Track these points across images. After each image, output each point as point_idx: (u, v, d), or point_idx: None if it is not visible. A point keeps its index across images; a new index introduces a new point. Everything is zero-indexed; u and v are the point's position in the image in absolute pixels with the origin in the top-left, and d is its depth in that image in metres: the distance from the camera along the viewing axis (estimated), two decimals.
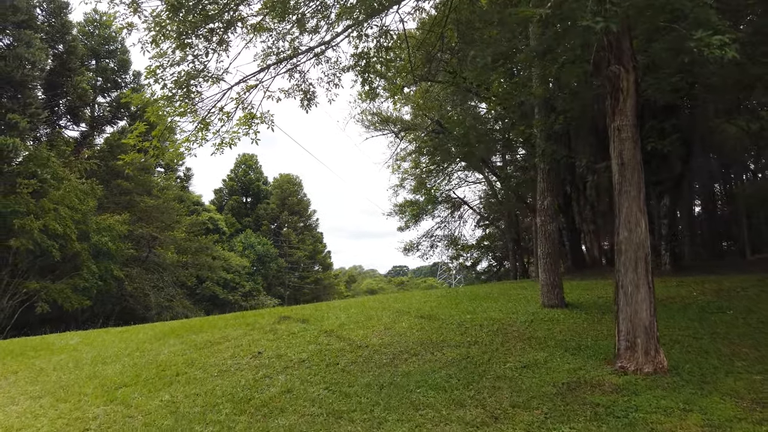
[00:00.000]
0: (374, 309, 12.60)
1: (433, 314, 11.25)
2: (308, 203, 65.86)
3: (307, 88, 9.56)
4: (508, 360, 7.40)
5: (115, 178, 34.25)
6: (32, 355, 10.58)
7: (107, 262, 29.60)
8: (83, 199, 28.69)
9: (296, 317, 12.00)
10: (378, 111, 22.63)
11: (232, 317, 13.28)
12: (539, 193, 11.48)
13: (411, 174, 31.22)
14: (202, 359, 8.75)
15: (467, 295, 14.19)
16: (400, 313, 11.75)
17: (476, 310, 11.35)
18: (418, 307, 12.37)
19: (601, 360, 7.09)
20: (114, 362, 9.24)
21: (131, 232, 32.03)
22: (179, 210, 37.27)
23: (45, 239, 25.16)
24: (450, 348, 8.24)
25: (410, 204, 33.54)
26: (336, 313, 12.26)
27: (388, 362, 7.76)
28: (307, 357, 8.34)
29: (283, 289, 56.77)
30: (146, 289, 32.82)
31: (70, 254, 27.14)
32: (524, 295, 13.44)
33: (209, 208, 53.91)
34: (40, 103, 29.32)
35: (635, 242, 6.61)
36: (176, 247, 35.71)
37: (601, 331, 8.78)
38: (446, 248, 36.95)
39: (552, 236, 11.27)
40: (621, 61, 6.68)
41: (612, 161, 6.92)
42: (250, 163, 63.93)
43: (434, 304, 12.85)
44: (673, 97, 11.36)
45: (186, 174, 48.83)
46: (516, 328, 9.34)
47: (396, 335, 9.43)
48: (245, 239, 53.58)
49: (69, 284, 26.92)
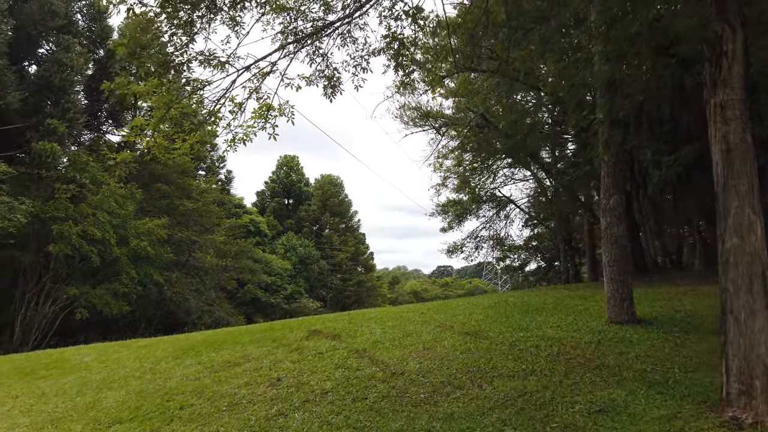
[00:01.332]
0: (413, 322, 11.29)
1: (481, 330, 9.83)
2: (350, 204, 65.10)
3: (331, 74, 8.31)
4: (576, 399, 5.92)
5: (156, 182, 34.19)
6: (41, 375, 9.79)
7: (147, 267, 29.38)
8: (122, 204, 28.55)
9: (327, 332, 10.81)
10: (417, 105, 21.27)
11: (259, 330, 12.20)
12: (603, 191, 9.86)
13: (454, 172, 29.72)
14: (214, 386, 7.64)
15: (518, 305, 12.65)
16: (442, 327, 10.38)
17: (530, 326, 9.85)
18: (463, 321, 10.97)
19: (700, 403, 5.53)
20: (120, 387, 8.26)
21: (171, 236, 31.77)
22: (219, 213, 36.91)
23: (84, 244, 25.02)
24: (502, 379, 6.82)
25: (453, 204, 32.09)
26: (371, 327, 11.01)
27: (426, 398, 6.41)
28: (331, 387, 7.09)
29: (326, 292, 56.13)
30: (186, 294, 32.51)
31: (109, 259, 27.00)
32: (584, 306, 11.81)
33: (251, 211, 53.80)
34: (80, 108, 29.34)
35: (748, 252, 5.02)
36: (216, 251, 35.33)
37: (688, 358, 7.16)
38: (492, 249, 35.28)
39: (620, 240, 9.63)
40: (725, 15, 5.12)
41: (712, 147, 5.35)
42: (291, 165, 63.69)
43: (481, 317, 11.41)
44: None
45: (227, 177, 48.83)
46: (580, 352, 7.81)
47: (437, 359, 8.06)
48: (287, 241, 53.20)
49: (109, 290, 26.75)
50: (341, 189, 64.36)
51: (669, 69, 9.42)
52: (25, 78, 27.09)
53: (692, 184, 17.42)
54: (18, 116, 25.64)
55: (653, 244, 21.64)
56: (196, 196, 34.65)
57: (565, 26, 8.70)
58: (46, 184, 25.47)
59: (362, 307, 61.04)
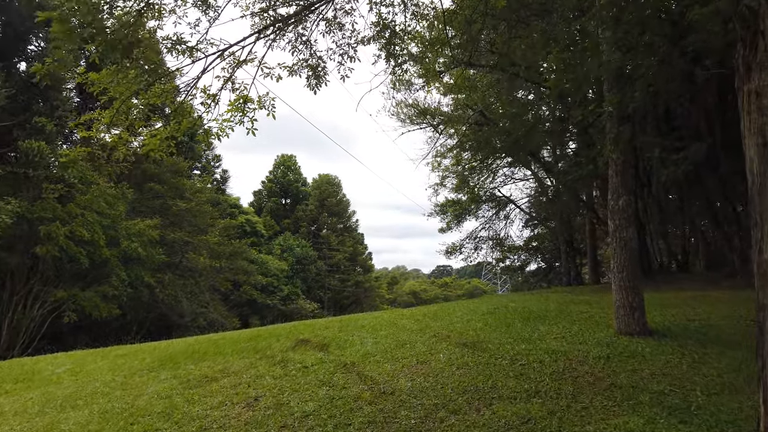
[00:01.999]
0: (408, 330, 10.60)
1: (479, 341, 9.12)
2: (348, 204, 64.39)
3: (316, 63, 7.60)
4: (587, 430, 5.21)
5: (149, 182, 33.48)
6: (6, 390, 9.08)
7: (138, 269, 28.67)
8: (113, 204, 27.83)
9: (315, 341, 10.11)
10: (414, 102, 20.53)
11: (244, 338, 11.48)
12: (611, 191, 9.14)
13: (452, 171, 29.04)
14: (185, 407, 6.93)
15: (519, 312, 11.95)
16: (438, 337, 9.68)
17: (532, 337, 9.15)
18: (461, 330, 10.27)
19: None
20: (85, 405, 7.54)
21: (163, 237, 31.05)
22: (213, 213, 36.17)
23: (72, 246, 24.32)
24: (502, 402, 6.11)
25: (452, 204, 31.43)
26: (362, 336, 10.32)
27: (417, 424, 5.70)
28: (313, 409, 6.38)
29: (323, 293, 55.43)
30: (179, 296, 31.78)
31: (99, 261, 26.29)
32: (589, 314, 11.10)
33: (247, 211, 53.05)
34: (69, 106, 28.61)
35: None
36: (210, 252, 34.60)
37: (710, 378, 6.45)
38: (491, 250, 34.62)
39: (629, 244, 8.91)
40: None
41: (746, 142, 4.63)
42: (288, 164, 63.02)
43: (479, 324, 10.71)
44: None
45: (223, 176, 48.13)
46: (588, 369, 7.11)
47: (431, 375, 7.36)
48: (284, 242, 52.48)
49: (98, 292, 26.03)
50: (339, 188, 63.64)
51: (683, 58, 8.71)
52: (13, 75, 26.39)
53: (700, 183, 16.74)
54: (6, 114, 24.96)
55: (657, 245, 20.92)
56: (189, 195, 33.92)
57: (569, 16, 8.00)
58: (33, 184, 24.76)
59: (360, 308, 60.35)
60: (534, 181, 30.61)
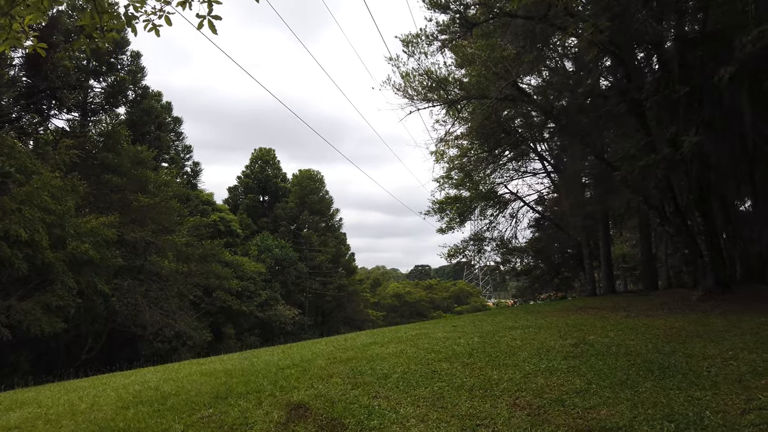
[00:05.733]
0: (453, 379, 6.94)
1: (588, 420, 5.52)
2: (330, 201, 60.54)
3: None
4: None
5: (106, 173, 29.22)
6: None
7: (89, 274, 24.39)
8: (60, 198, 23.55)
9: (319, 408, 6.36)
10: (428, 70, 16.72)
11: (206, 398, 7.51)
12: None
13: (457, 165, 25.58)
14: None
15: (618, 356, 8.37)
16: (518, 406, 6.05)
17: (688, 414, 5.58)
18: (542, 386, 6.66)
19: None
20: None
21: (122, 236, 26.81)
22: (181, 210, 31.96)
23: (5, 248, 20.10)
24: None
25: (452, 201, 27.96)
26: (388, 396, 6.63)
27: None
28: None
29: (304, 297, 51.49)
30: (141, 305, 27.58)
31: (40, 266, 22.05)
32: (722, 357, 7.58)
33: (221, 208, 48.72)
34: (6, 83, 24.29)
35: None
36: (177, 254, 30.42)
37: None
38: (496, 253, 31.32)
39: None
40: None
41: None
42: (267, 158, 58.89)
43: (568, 376, 7.10)
44: None
45: (194, 169, 43.84)
46: None
47: None
48: (261, 242, 48.35)
49: (39, 303, 21.76)
50: (321, 185, 59.71)
51: None
52: None
53: None
54: None
55: (727, 250, 17.59)
56: (153, 189, 29.69)
57: None
58: None
59: (344, 312, 56.45)
60: (545, 176, 27.39)
